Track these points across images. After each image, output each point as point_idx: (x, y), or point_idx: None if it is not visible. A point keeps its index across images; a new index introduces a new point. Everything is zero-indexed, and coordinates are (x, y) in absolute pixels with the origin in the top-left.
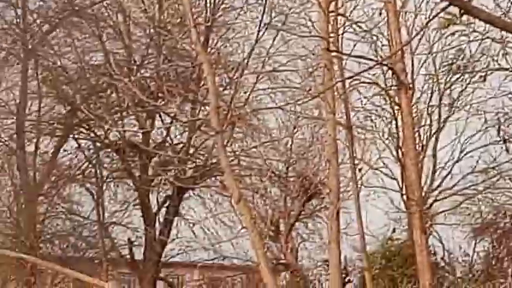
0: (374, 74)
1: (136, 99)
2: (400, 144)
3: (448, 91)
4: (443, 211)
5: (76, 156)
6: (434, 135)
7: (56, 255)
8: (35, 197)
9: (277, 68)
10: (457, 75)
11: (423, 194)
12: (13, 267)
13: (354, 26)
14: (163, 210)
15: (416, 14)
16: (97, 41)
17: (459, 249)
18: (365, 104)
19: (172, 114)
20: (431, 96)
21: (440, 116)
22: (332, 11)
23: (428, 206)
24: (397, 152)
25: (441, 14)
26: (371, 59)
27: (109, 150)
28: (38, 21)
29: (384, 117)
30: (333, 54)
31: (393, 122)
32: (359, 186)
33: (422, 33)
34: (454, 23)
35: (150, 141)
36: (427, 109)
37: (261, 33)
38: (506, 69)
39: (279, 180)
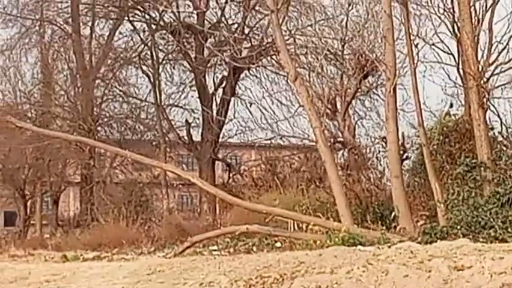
0: None
1: None
2: (456, 19)
3: None
4: (500, 85)
5: (132, 39)
6: (490, 9)
7: (114, 138)
8: (91, 80)
9: None
10: None
11: (479, 68)
12: (72, 150)
13: None
14: (220, 90)
15: None
16: None
17: None
18: None
19: None
20: None
21: None
22: None
23: (485, 81)
24: (453, 27)
25: None
26: None
27: (164, 31)
28: None
29: None
30: None
31: None
32: (415, 61)
33: None
34: None
35: (205, 21)
36: None
37: None
38: None
39: (335, 58)
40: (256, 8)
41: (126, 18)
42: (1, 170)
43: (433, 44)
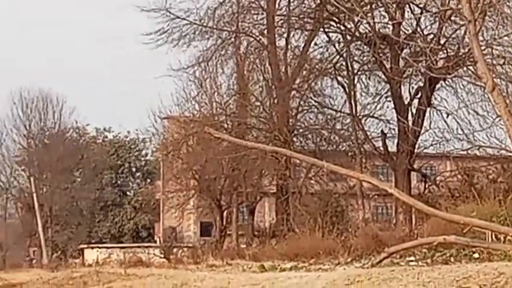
0: None
1: None
2: None
3: None
4: None
5: (327, 50)
6: None
7: (309, 148)
8: (287, 91)
9: None
10: None
11: None
12: (268, 161)
13: None
14: (415, 101)
15: None
16: None
17: None
18: None
19: (421, 5)
20: None
21: None
22: None
23: None
24: None
25: None
26: None
27: (360, 42)
28: None
29: None
30: None
31: None
32: None
33: None
34: None
35: (400, 32)
36: None
37: None
38: None
39: None
40: (452, 18)
41: (321, 29)
42: (198, 181)
43: None
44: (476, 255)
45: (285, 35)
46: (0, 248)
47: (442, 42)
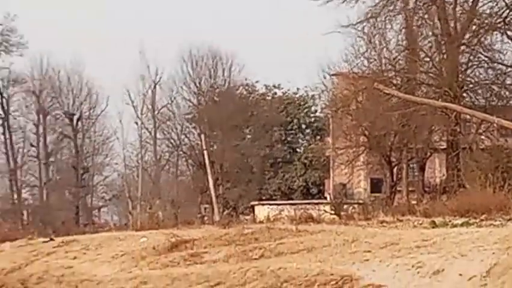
0: None
1: None
2: None
3: None
4: None
5: (496, 4)
6: None
7: (479, 104)
8: (456, 47)
9: None
10: None
11: None
12: (437, 117)
13: None
14: None
15: None
16: None
17: None
18: None
19: None
20: None
21: None
22: None
23: None
24: None
25: None
26: None
27: None
28: None
29: None
30: None
31: None
32: None
33: None
34: None
35: None
36: None
37: None
38: None
39: None
40: None
41: None
42: (368, 137)
43: None
44: None
45: None
46: (172, 204)
47: None
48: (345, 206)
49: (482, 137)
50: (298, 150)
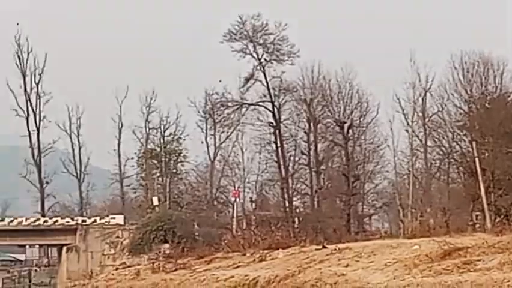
0: None
1: None
2: None
3: None
4: None
5: None
6: None
7: None
8: None
9: None
10: None
11: None
12: None
13: None
14: None
15: None
16: None
17: None
18: None
19: None
20: None
21: None
22: None
23: None
24: None
25: None
26: None
27: None
28: None
29: None
30: None
31: None
32: None
33: None
34: None
35: None
36: None
37: None
38: None
39: None
40: None
41: None
42: None
43: None
44: None
45: None
46: (443, 212)
47: None
48: None
49: None
50: None
